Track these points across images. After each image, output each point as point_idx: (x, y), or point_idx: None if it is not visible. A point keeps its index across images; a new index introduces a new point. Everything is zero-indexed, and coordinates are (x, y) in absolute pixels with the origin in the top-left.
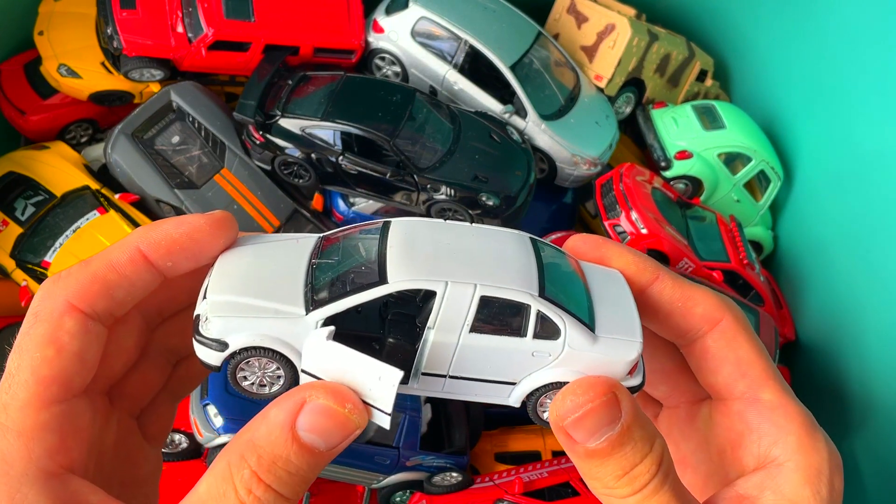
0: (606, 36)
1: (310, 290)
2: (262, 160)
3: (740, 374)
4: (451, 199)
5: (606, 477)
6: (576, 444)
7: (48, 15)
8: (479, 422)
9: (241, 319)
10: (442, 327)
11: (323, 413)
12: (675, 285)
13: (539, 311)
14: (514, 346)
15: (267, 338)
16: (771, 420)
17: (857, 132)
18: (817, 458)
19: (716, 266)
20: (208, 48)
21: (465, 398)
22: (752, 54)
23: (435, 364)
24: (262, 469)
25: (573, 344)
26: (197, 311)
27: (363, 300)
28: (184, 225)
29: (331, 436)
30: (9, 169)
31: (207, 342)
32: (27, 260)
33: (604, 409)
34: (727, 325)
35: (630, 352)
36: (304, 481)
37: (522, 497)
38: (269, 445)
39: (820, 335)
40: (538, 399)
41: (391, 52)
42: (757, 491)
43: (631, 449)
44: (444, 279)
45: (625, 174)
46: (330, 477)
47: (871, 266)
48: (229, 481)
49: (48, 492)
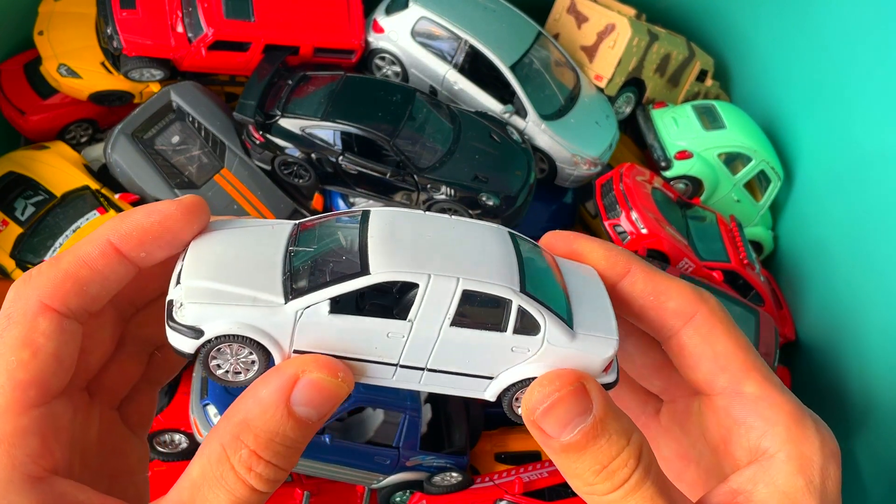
0: (606, 36)
1: (288, 279)
2: (262, 160)
3: (720, 368)
4: (451, 199)
5: (585, 473)
6: (550, 438)
7: (48, 15)
8: (479, 422)
9: (218, 307)
10: (422, 320)
11: (316, 387)
12: (648, 279)
13: (520, 306)
14: (494, 341)
15: (244, 326)
16: (756, 412)
17: (856, 132)
18: (808, 446)
19: (716, 266)
20: (208, 48)
21: (442, 391)
22: (752, 54)
23: (414, 357)
24: (260, 447)
25: (552, 340)
26: (170, 296)
27: (344, 290)
28: (154, 213)
29: (324, 406)
30: (9, 169)
31: (181, 329)
32: (27, 260)
33: (572, 398)
34: (702, 320)
35: (606, 349)
36: (299, 451)
37: (522, 497)
38: (266, 424)
39: (820, 335)
40: (514, 395)
41: (391, 52)
42: (750, 485)
43: (606, 442)
44: (427, 272)
45: (625, 174)
46: (330, 477)
47: (871, 266)
48: (225, 462)
49: (34, 496)
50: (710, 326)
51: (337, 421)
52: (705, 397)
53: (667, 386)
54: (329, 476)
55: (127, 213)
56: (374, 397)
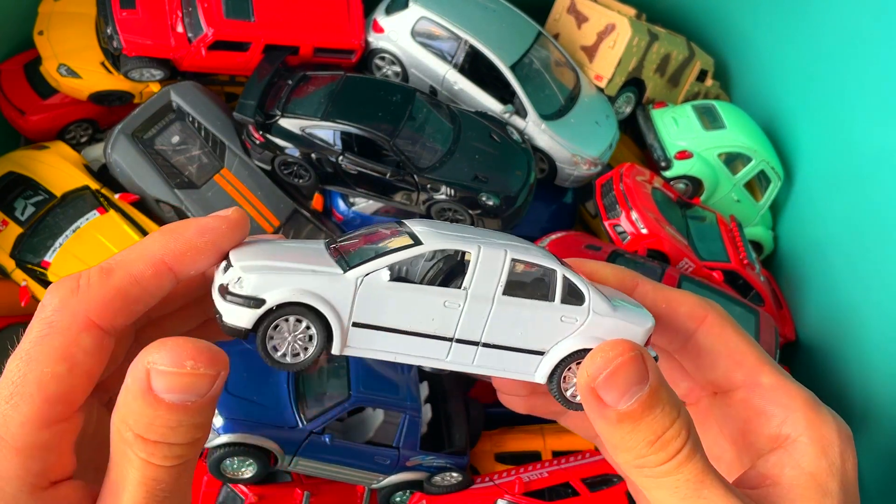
0: (606, 36)
1: (341, 259)
2: (262, 160)
3: (736, 364)
4: (451, 199)
5: (638, 444)
6: (606, 408)
7: (48, 15)
8: (479, 422)
9: (278, 275)
10: (477, 287)
11: (170, 374)
12: (656, 290)
13: (565, 276)
14: (544, 311)
15: (306, 293)
16: (775, 401)
17: (856, 132)
18: (827, 430)
19: (716, 266)
20: (208, 48)
21: (493, 373)
22: (752, 54)
23: (469, 330)
24: (142, 431)
25: (597, 309)
26: (222, 280)
27: (400, 258)
28: (207, 233)
29: (193, 388)
30: (9, 169)
31: (240, 300)
32: (27, 260)
33: (632, 365)
34: (714, 321)
35: (646, 320)
36: (195, 426)
37: (522, 497)
38: (136, 415)
39: (820, 335)
40: (562, 373)
41: (391, 52)
42: (777, 469)
43: (661, 412)
44: (476, 244)
45: (625, 174)
46: (330, 477)
47: (871, 266)
48: (124, 455)
49: None
50: (722, 327)
51: (337, 421)
52: (721, 396)
53: (692, 387)
54: (329, 476)
55: (177, 230)
56: (375, 397)
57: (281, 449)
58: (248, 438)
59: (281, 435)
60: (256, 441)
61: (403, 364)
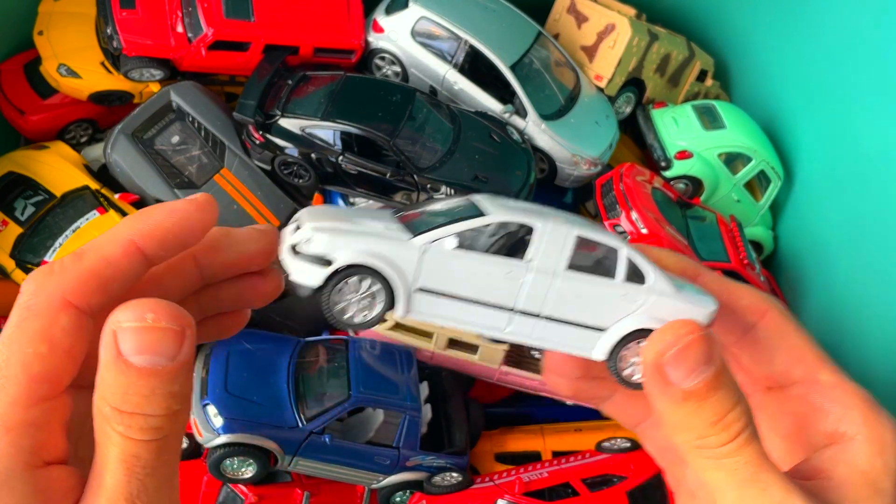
0: (606, 36)
1: (409, 225)
2: (261, 160)
3: (795, 359)
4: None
5: (701, 424)
6: (670, 386)
7: (48, 15)
8: (479, 422)
9: (347, 236)
10: (541, 260)
11: (134, 331)
12: (718, 281)
13: (628, 255)
14: (607, 288)
15: (374, 255)
16: (833, 398)
17: (857, 132)
18: (884, 431)
19: (716, 266)
20: (208, 48)
21: (552, 346)
22: (752, 54)
23: (531, 301)
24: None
25: (659, 289)
26: (293, 240)
27: (467, 227)
28: (175, 213)
29: (160, 347)
30: (9, 169)
31: (309, 258)
32: (27, 260)
33: (702, 343)
34: (775, 315)
35: (710, 304)
36: (170, 394)
37: (522, 497)
38: (111, 386)
39: (820, 335)
40: (620, 352)
41: (391, 52)
42: (830, 464)
43: (724, 394)
44: (542, 218)
45: (625, 174)
46: (330, 477)
47: (871, 266)
48: (105, 433)
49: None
50: (783, 322)
51: (337, 421)
52: (775, 391)
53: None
54: (329, 476)
55: (146, 213)
56: (374, 397)
57: (281, 449)
58: (248, 438)
59: (281, 435)
60: (256, 441)
61: (404, 364)
